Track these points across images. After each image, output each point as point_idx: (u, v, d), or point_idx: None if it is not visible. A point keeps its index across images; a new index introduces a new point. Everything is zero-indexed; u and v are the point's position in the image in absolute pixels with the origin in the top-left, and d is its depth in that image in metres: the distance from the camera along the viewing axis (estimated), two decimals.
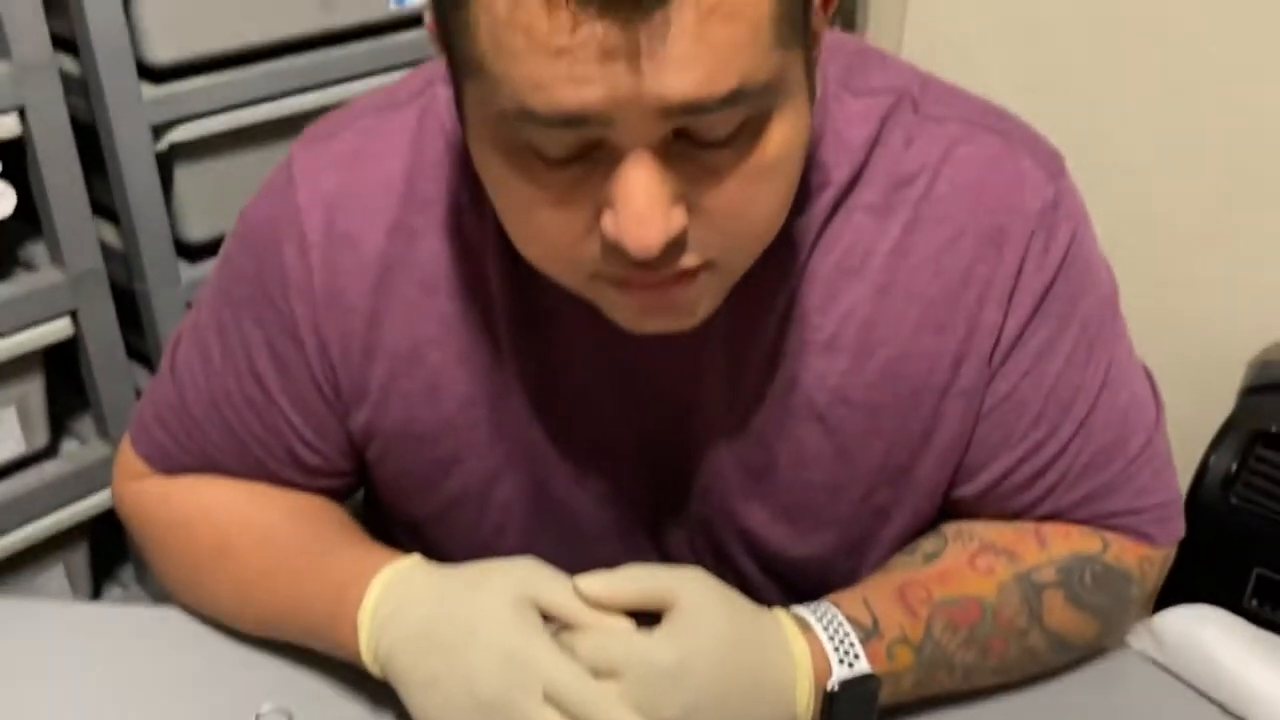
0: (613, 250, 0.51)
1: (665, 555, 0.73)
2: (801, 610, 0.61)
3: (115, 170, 1.07)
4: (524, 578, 0.59)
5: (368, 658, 0.61)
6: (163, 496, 0.73)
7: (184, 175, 1.13)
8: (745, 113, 0.49)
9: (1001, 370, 0.65)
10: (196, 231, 1.17)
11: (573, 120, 0.47)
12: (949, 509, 0.71)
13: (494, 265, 0.64)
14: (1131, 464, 0.69)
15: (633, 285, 0.54)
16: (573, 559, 0.63)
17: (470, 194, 0.63)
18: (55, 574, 1.20)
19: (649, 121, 0.47)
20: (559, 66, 0.45)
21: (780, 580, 0.73)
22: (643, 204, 0.48)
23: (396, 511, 0.74)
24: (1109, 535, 0.69)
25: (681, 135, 0.49)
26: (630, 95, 0.46)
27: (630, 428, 0.68)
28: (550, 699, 0.55)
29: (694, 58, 0.45)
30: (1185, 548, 1.33)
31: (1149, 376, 0.73)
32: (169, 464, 0.73)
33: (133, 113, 1.05)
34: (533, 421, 0.67)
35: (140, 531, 0.75)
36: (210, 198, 1.16)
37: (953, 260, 0.63)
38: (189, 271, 1.17)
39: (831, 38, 0.65)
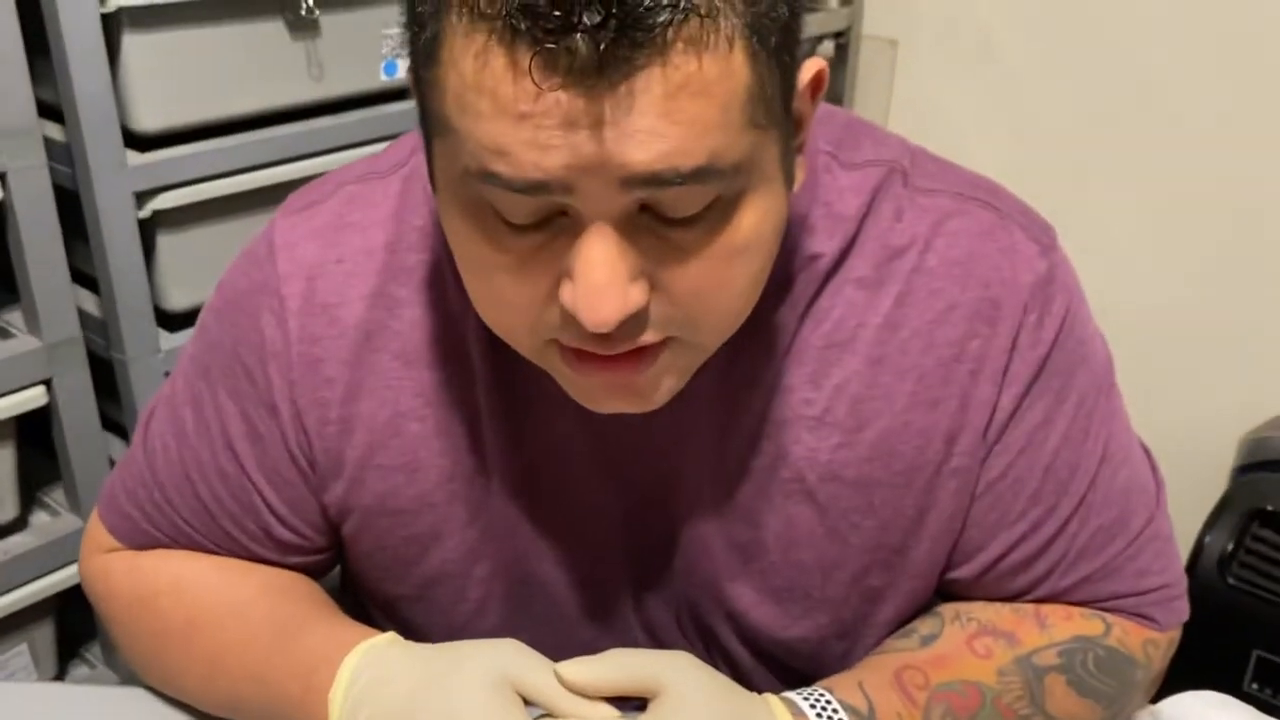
0: (570, 321, 0.49)
1: (652, 637, 0.70)
2: (794, 696, 0.59)
3: (96, 237, 1.06)
4: (505, 661, 0.57)
5: None
6: (130, 569, 0.71)
7: (166, 243, 1.13)
8: (714, 191, 0.48)
9: (997, 447, 0.64)
10: (178, 300, 1.16)
11: (534, 186, 0.46)
12: (944, 590, 0.69)
13: (474, 335, 0.63)
14: (1132, 544, 0.67)
15: (588, 361, 0.52)
16: (555, 641, 0.62)
17: (452, 264, 0.62)
18: (19, 652, 1.16)
19: (611, 192, 0.46)
20: (522, 132, 0.45)
21: (771, 663, 0.70)
22: (601, 277, 0.47)
23: (373, 590, 0.72)
24: (1111, 617, 0.67)
25: (647, 210, 0.48)
26: (592, 164, 0.45)
27: (613, 504, 0.66)
28: None
29: (659, 132, 0.45)
30: (1183, 629, 1.30)
31: (1148, 453, 0.72)
32: (137, 538, 0.71)
33: (116, 180, 1.05)
34: (513, 498, 0.66)
35: (105, 606, 0.72)
36: (193, 267, 1.15)
37: (945, 334, 0.62)
38: (169, 341, 1.15)
39: (821, 110, 0.64)
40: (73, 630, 1.25)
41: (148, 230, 1.10)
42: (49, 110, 1.02)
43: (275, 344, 0.64)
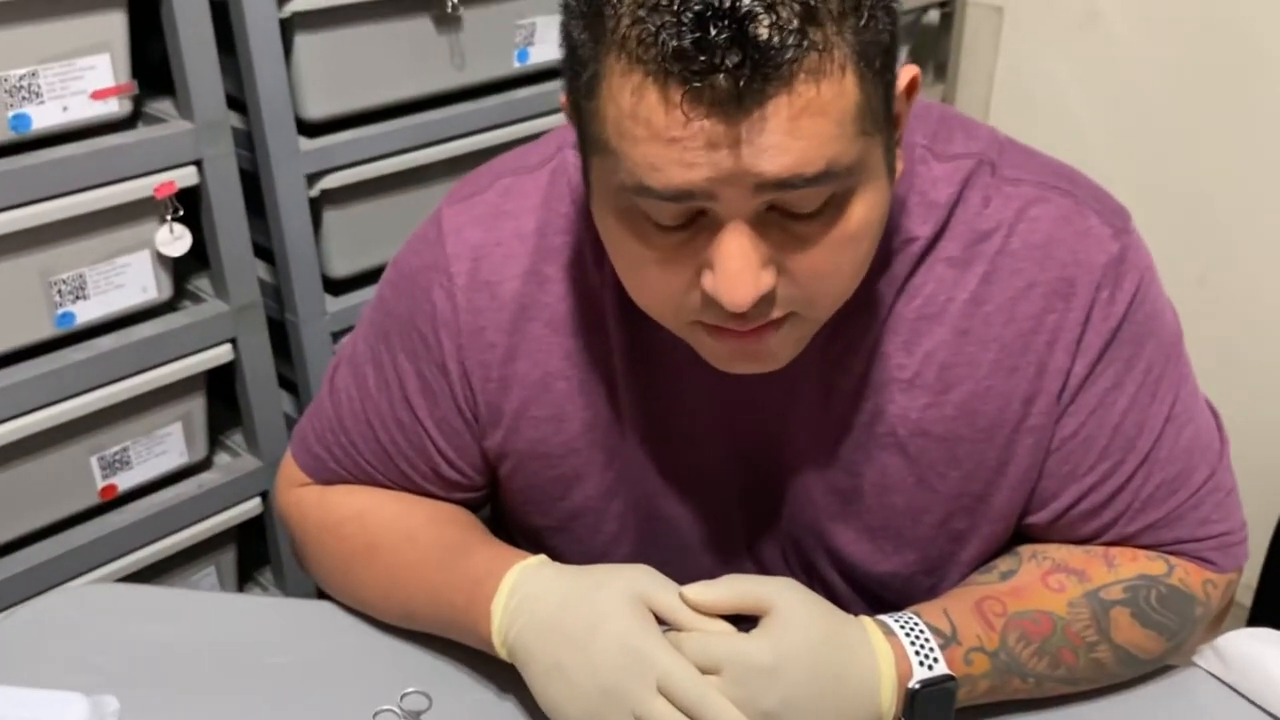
0: (710, 303, 0.58)
1: (761, 568, 0.79)
2: (885, 617, 0.67)
3: (273, 213, 1.19)
4: (640, 582, 0.66)
5: (498, 644, 0.68)
6: (319, 502, 0.82)
7: (332, 218, 1.25)
8: (831, 190, 0.56)
9: (1070, 409, 0.70)
10: (341, 268, 1.28)
11: (681, 195, 0.55)
12: (1021, 534, 0.76)
13: (611, 308, 0.72)
14: (1194, 495, 0.73)
15: (725, 333, 0.61)
16: (677, 569, 0.69)
17: (592, 246, 0.72)
18: (207, 574, 1.32)
19: (745, 197, 0.55)
20: (672, 152, 0.53)
21: (865, 594, 0.78)
22: (737, 266, 0.56)
23: (522, 522, 0.82)
24: (1174, 559, 0.73)
25: (774, 208, 0.56)
26: (730, 176, 0.53)
27: (730, 453, 0.74)
28: (662, 690, 0.61)
29: (786, 148, 0.53)
30: (1272, 586, 1.35)
31: (1214, 414, 0.77)
32: (324, 474, 0.82)
33: (291, 163, 1.17)
34: (644, 445, 0.75)
35: (298, 532, 0.83)
36: (354, 238, 1.27)
37: (1025, 309, 0.69)
38: (334, 304, 1.27)
39: (919, 106, 0.71)
40: (249, 558, 1.40)
41: (315, 207, 1.22)
42: (232, 102, 1.13)
43: (446, 314, 0.74)
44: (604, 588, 0.66)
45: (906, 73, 0.62)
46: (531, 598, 0.67)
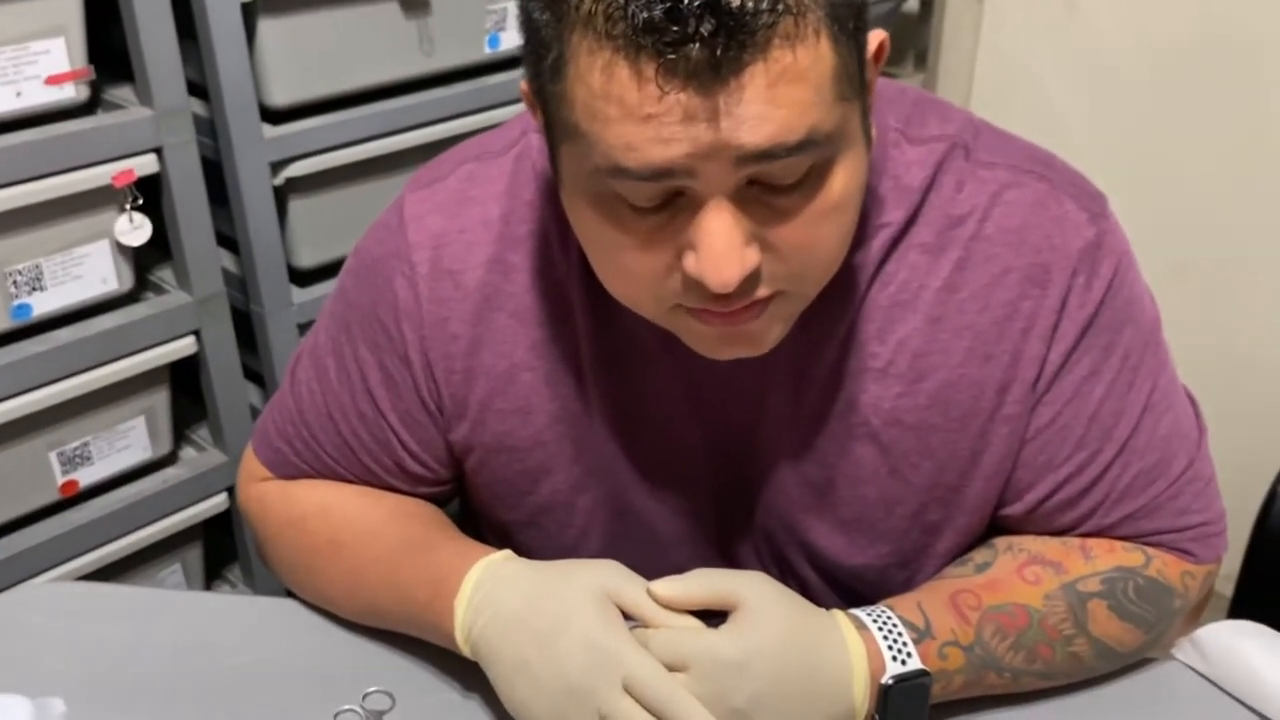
0: (694, 285, 0.56)
1: (733, 562, 0.78)
2: (857, 612, 0.66)
3: (237, 203, 1.17)
4: (606, 577, 0.64)
5: (461, 641, 0.66)
6: (282, 496, 0.80)
7: (297, 207, 1.23)
8: (812, 159, 0.54)
9: (1046, 397, 0.69)
10: (307, 258, 1.26)
11: (660, 174, 0.53)
12: (997, 525, 0.75)
13: (578, 297, 0.70)
14: (1173, 485, 0.72)
15: (710, 316, 0.59)
16: (648, 564, 0.68)
17: (558, 233, 0.70)
18: (173, 572, 1.30)
19: (726, 172, 0.53)
20: (647, 130, 0.51)
21: (839, 588, 0.77)
22: (721, 245, 0.54)
23: (490, 517, 0.80)
24: (1151, 550, 0.72)
25: (754, 183, 0.54)
26: (711, 150, 0.51)
27: (701, 445, 0.73)
28: (629, 689, 0.60)
29: (766, 117, 0.51)
30: (1253, 578, 1.35)
31: (1193, 402, 0.76)
32: (286, 469, 0.81)
33: (254, 151, 1.15)
34: (613, 437, 0.73)
35: (260, 527, 0.82)
36: (320, 228, 1.25)
37: (1000, 296, 0.68)
38: (300, 295, 1.26)
39: (893, 89, 0.70)
40: (217, 554, 1.38)
41: (280, 196, 1.20)
42: (194, 89, 1.12)
43: (408, 304, 0.72)
44: (570, 584, 0.65)
45: (875, 37, 0.60)
46: (495, 594, 0.66)
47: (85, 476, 1.17)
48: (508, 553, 0.70)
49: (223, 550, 1.39)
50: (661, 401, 0.72)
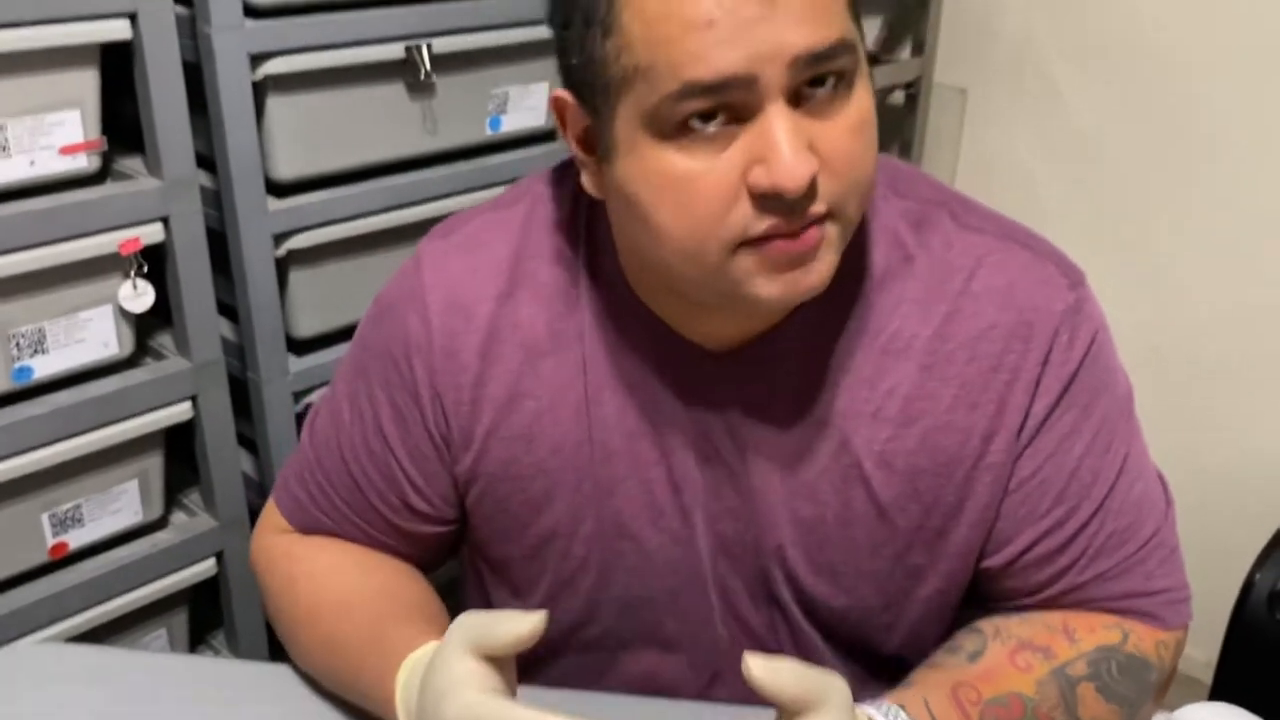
0: (763, 200, 0.60)
1: (724, 592, 0.79)
2: (869, 708, 0.66)
3: (239, 272, 1.19)
4: (468, 638, 0.61)
5: None
6: (286, 553, 0.83)
7: (298, 278, 1.25)
8: (842, 68, 0.60)
9: (1029, 450, 0.72)
10: (306, 328, 1.28)
11: (726, 82, 0.58)
12: (980, 580, 0.77)
13: (588, 327, 0.74)
14: (1142, 549, 0.75)
15: (775, 246, 0.62)
16: (641, 591, 0.73)
17: (568, 276, 0.75)
18: (158, 636, 1.29)
19: (782, 73, 0.58)
20: (711, 36, 0.57)
21: (822, 627, 0.79)
22: (790, 146, 0.59)
23: (491, 554, 0.82)
24: (1126, 624, 0.74)
25: (799, 99, 0.60)
26: (770, 51, 0.58)
27: (699, 476, 0.76)
28: None
29: (808, 18, 0.58)
30: (1231, 663, 1.35)
31: (1161, 479, 0.79)
32: (303, 518, 0.83)
33: (258, 222, 1.17)
34: (613, 465, 0.76)
35: (263, 580, 0.84)
36: (320, 298, 1.27)
37: (986, 348, 0.71)
38: (297, 364, 1.27)
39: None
40: (202, 620, 1.37)
41: (281, 266, 1.22)
42: (202, 160, 1.14)
43: (420, 338, 0.76)
44: (444, 662, 0.63)
45: None
46: (415, 687, 0.66)
47: (76, 539, 1.18)
48: (432, 644, 0.69)
49: (208, 616, 1.38)
50: (663, 433, 0.75)
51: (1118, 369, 0.76)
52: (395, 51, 1.22)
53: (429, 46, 1.23)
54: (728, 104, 0.59)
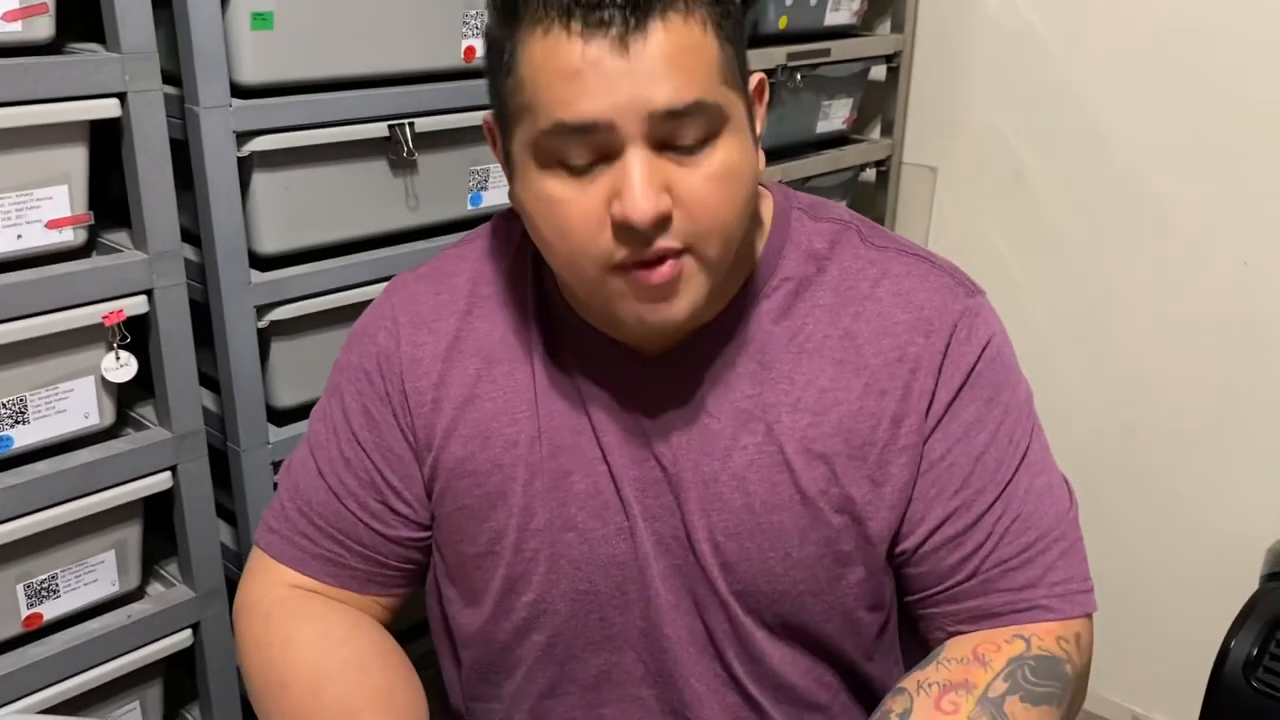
0: (620, 230, 0.68)
1: (665, 586, 0.83)
2: None
3: (221, 344, 1.21)
4: None
5: None
6: (265, 617, 0.86)
7: (280, 349, 1.27)
8: (704, 124, 0.69)
9: (936, 432, 0.79)
10: (287, 399, 1.29)
11: (588, 125, 0.67)
12: (897, 575, 0.83)
13: (535, 339, 0.84)
14: (1044, 537, 0.79)
15: (637, 276, 0.70)
16: (588, 586, 0.81)
17: (518, 294, 0.85)
18: (131, 710, 1.27)
19: (639, 123, 0.67)
20: (577, 86, 0.66)
21: (759, 615, 0.83)
22: (640, 182, 0.67)
23: (449, 555, 0.87)
24: (1026, 630, 0.78)
25: (664, 147, 0.68)
26: (627, 103, 0.66)
27: (635, 469, 0.82)
28: None
29: (666, 77, 0.67)
30: None
31: (1065, 481, 0.85)
32: (284, 550, 0.88)
33: (241, 295, 1.19)
34: (561, 460, 0.82)
35: (238, 639, 0.88)
36: (301, 369, 1.29)
37: (890, 342, 0.80)
38: (277, 434, 1.28)
39: (797, 193, 0.86)
40: (178, 693, 1.36)
41: (263, 337, 1.23)
42: (186, 234, 1.16)
43: (388, 348, 0.86)
44: None
45: (756, 77, 0.77)
46: None
47: (50, 610, 1.17)
48: None
49: (184, 688, 1.37)
50: (600, 430, 0.82)
51: (1017, 372, 0.83)
52: (379, 130, 1.25)
53: (411, 126, 1.27)
54: (595, 144, 0.68)
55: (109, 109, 1.07)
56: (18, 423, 1.10)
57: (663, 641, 0.84)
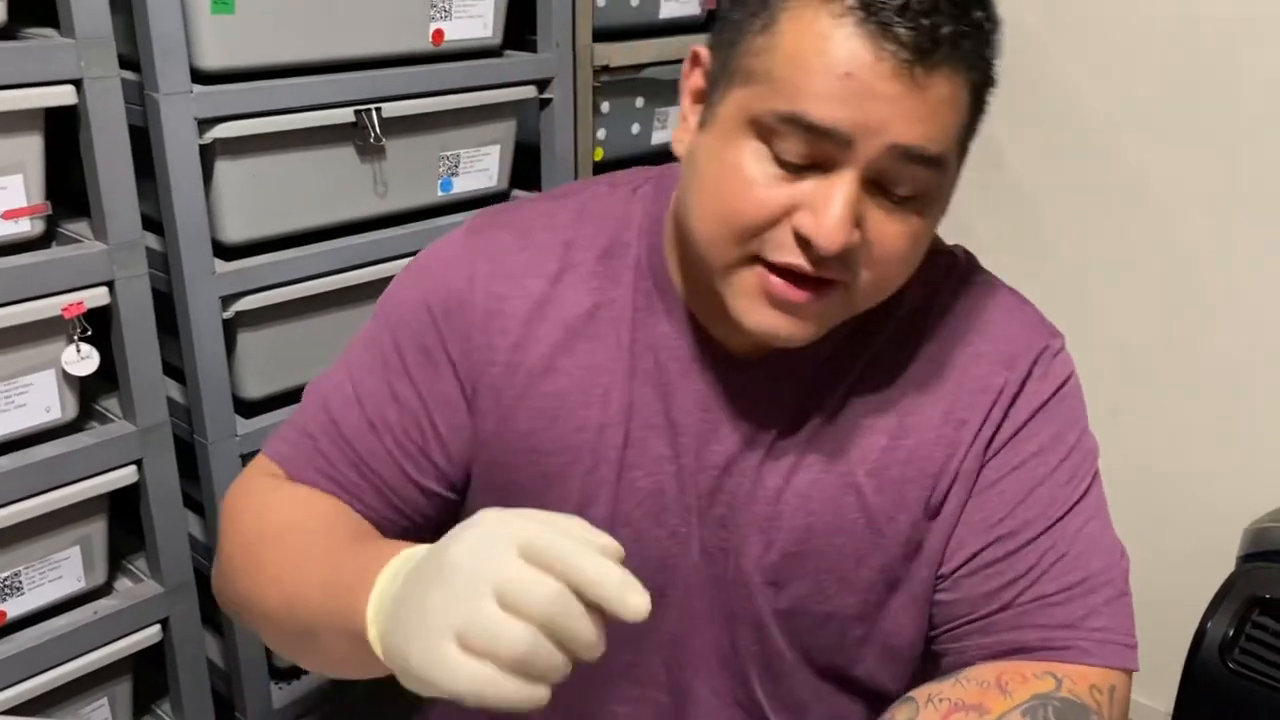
0: (793, 242, 0.65)
1: (706, 597, 0.80)
2: None
3: (186, 334, 1.19)
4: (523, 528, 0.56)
5: (373, 638, 0.59)
6: (269, 489, 0.79)
7: (246, 340, 1.25)
8: (925, 180, 0.65)
9: (994, 460, 0.77)
10: (254, 390, 1.27)
11: (828, 131, 0.62)
12: (936, 596, 0.79)
13: (625, 317, 0.78)
14: (1088, 580, 0.76)
15: (777, 281, 0.66)
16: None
17: (615, 268, 0.79)
18: (99, 707, 1.26)
19: (874, 152, 0.63)
20: (840, 87, 0.61)
21: (797, 640, 0.80)
22: (842, 213, 0.63)
23: None
24: (1060, 670, 0.74)
25: (873, 184, 0.64)
26: (877, 126, 0.62)
27: (703, 479, 0.78)
28: (526, 555, 0.53)
29: (926, 119, 0.62)
30: (1187, 712, 1.36)
31: (1120, 547, 0.80)
32: (298, 464, 0.80)
33: (206, 285, 1.17)
34: (625, 450, 0.78)
35: (228, 513, 0.79)
36: (269, 360, 1.26)
37: (974, 371, 0.78)
38: (244, 426, 1.26)
39: None
40: (147, 689, 1.35)
41: (229, 328, 1.21)
42: (149, 223, 1.14)
43: (464, 294, 0.78)
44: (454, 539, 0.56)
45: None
46: (403, 577, 0.58)
47: (15, 607, 1.16)
48: (428, 547, 0.60)
49: (153, 684, 1.35)
50: (675, 430, 0.78)
51: (1086, 420, 0.81)
52: (345, 115, 1.23)
53: (379, 111, 1.25)
54: (820, 149, 0.63)
55: (64, 96, 1.04)
56: None
57: (687, 650, 0.81)
